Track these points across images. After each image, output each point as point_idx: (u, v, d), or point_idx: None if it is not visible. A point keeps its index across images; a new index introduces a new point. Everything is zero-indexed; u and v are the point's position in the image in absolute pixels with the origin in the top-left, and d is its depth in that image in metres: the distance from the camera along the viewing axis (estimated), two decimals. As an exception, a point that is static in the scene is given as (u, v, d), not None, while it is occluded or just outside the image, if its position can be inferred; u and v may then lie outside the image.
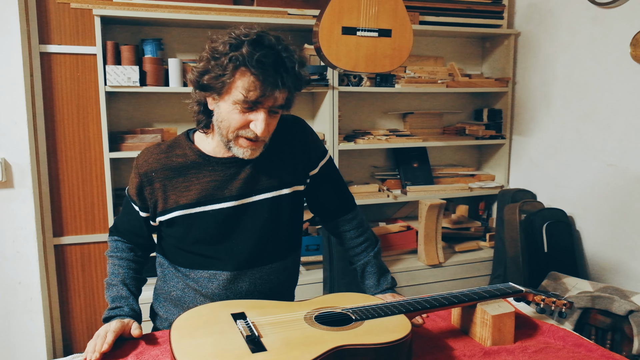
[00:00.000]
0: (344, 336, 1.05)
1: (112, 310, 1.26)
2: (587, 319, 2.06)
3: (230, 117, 1.21)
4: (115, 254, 1.39)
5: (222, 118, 1.23)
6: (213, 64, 1.18)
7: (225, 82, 1.17)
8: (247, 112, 1.20)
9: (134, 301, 1.31)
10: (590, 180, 2.60)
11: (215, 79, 1.18)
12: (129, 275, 1.36)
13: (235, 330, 1.07)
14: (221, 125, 1.24)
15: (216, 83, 1.18)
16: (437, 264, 2.81)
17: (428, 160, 3.11)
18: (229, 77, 1.16)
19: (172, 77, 2.43)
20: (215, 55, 1.18)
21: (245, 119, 1.21)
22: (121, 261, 1.37)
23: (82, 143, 2.56)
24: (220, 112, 1.23)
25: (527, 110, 3.00)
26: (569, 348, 1.24)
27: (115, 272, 1.35)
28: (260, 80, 1.15)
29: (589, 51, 2.58)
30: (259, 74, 1.15)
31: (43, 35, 2.44)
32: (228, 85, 1.18)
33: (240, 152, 1.26)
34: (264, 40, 1.17)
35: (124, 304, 1.28)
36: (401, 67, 2.94)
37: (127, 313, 1.26)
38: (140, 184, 1.32)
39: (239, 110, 1.20)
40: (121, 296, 1.30)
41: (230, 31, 1.20)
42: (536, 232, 2.58)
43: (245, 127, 1.22)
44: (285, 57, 1.18)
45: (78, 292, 2.66)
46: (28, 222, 2.41)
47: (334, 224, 1.52)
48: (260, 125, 1.20)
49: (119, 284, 1.32)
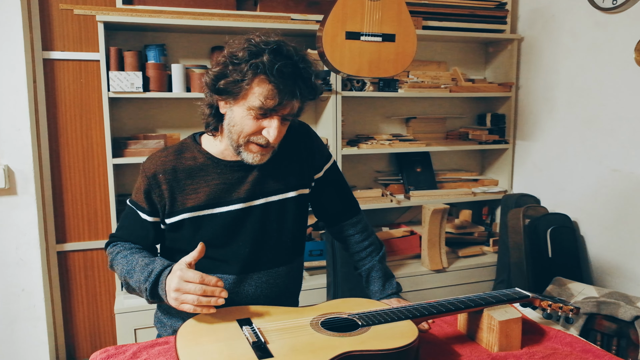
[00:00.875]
0: (351, 342, 1.04)
1: (151, 276, 1.17)
2: (592, 324, 2.04)
3: (244, 123, 1.23)
4: (118, 250, 1.33)
5: (234, 123, 1.24)
6: (231, 68, 1.20)
7: (243, 87, 1.19)
8: (260, 119, 1.22)
9: (161, 259, 1.23)
10: (594, 185, 2.59)
11: (233, 83, 1.20)
12: (141, 254, 1.28)
13: (241, 336, 1.06)
14: (233, 129, 1.25)
15: (233, 87, 1.20)
16: (440, 269, 2.79)
17: (431, 165, 3.10)
18: (247, 83, 1.18)
19: (175, 83, 2.43)
20: (234, 61, 1.20)
21: (258, 126, 1.23)
22: (129, 251, 1.31)
23: (85, 149, 2.56)
24: (233, 117, 1.24)
25: (530, 115, 2.99)
26: (576, 354, 1.23)
27: (128, 259, 1.28)
28: (279, 89, 1.17)
29: (592, 56, 2.58)
30: (279, 83, 1.17)
31: (46, 41, 2.45)
32: (245, 91, 1.20)
33: (249, 158, 1.27)
34: (283, 49, 1.20)
35: (157, 264, 1.19)
36: (404, 72, 2.94)
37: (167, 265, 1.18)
38: (148, 187, 1.31)
39: (252, 117, 1.21)
40: (146, 264, 1.22)
41: (248, 37, 1.22)
42: (540, 237, 2.57)
43: (257, 134, 1.24)
44: (302, 67, 1.21)
45: (81, 299, 2.65)
46: (31, 229, 2.41)
47: (338, 229, 1.52)
48: (273, 133, 1.22)
49: (137, 260, 1.24)
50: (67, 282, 2.62)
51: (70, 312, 2.64)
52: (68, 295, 2.63)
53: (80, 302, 2.65)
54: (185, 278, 1.10)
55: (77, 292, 2.64)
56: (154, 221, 1.35)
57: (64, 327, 2.63)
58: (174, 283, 1.11)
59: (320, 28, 2.04)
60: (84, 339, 2.68)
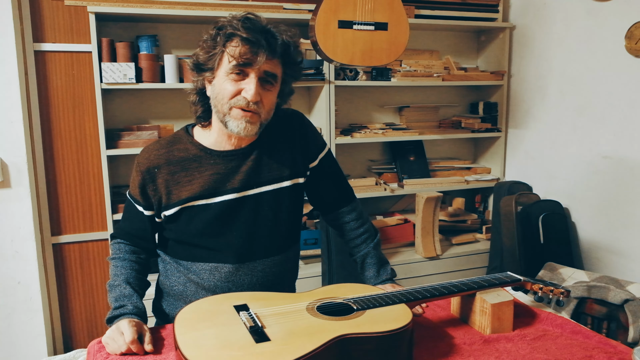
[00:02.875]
0: (346, 325, 1.06)
1: (116, 310, 1.23)
2: (583, 308, 2.08)
3: (223, 88, 1.25)
4: (117, 255, 1.36)
5: (216, 93, 1.27)
6: (205, 45, 1.26)
7: (216, 55, 1.24)
8: (238, 80, 1.24)
9: (138, 299, 1.28)
10: (585, 172, 2.62)
11: (208, 54, 1.25)
12: (131, 275, 1.33)
13: (238, 321, 1.08)
14: (216, 101, 1.27)
15: (209, 58, 1.25)
16: (434, 256, 2.82)
17: (424, 154, 3.12)
18: (220, 50, 1.24)
19: (168, 73, 2.43)
20: (208, 38, 1.27)
21: (237, 88, 1.25)
22: (124, 262, 1.34)
23: (79, 141, 2.56)
24: (214, 89, 1.28)
25: (522, 103, 3.02)
26: (566, 335, 1.26)
27: (118, 273, 1.32)
28: (247, 41, 1.21)
29: (583, 44, 2.60)
30: (246, 36, 1.21)
31: (37, 33, 2.44)
32: (219, 57, 1.25)
33: (235, 125, 1.26)
34: (251, 17, 1.26)
35: (128, 302, 1.24)
36: (397, 61, 2.95)
37: (131, 311, 1.22)
38: (142, 182, 1.32)
39: (231, 80, 1.24)
40: (124, 295, 1.27)
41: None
42: (532, 224, 2.60)
43: (237, 95, 1.25)
44: (273, 29, 1.26)
45: (77, 291, 2.66)
46: (26, 222, 2.41)
47: (333, 216, 1.53)
48: (250, 89, 1.23)
49: (122, 284, 1.29)
50: (63, 274, 2.62)
51: (66, 304, 2.65)
52: (64, 287, 2.63)
53: (76, 294, 2.66)
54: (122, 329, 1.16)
55: (73, 284, 2.65)
56: (150, 215, 1.36)
57: (60, 318, 2.63)
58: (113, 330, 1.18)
59: (313, 17, 2.04)
60: (80, 330, 2.69)
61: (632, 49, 2.32)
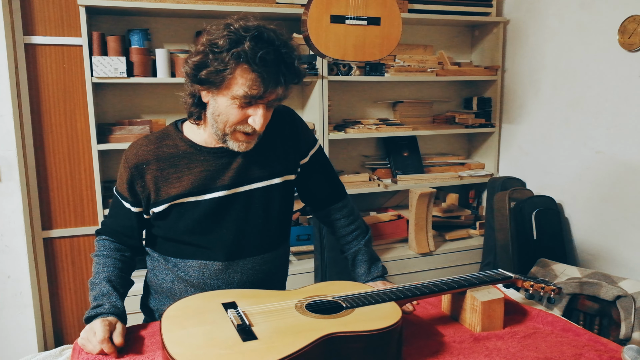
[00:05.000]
0: (335, 324, 1.05)
1: (93, 310, 1.20)
2: (575, 304, 2.08)
3: (229, 112, 1.21)
4: (101, 252, 1.34)
5: (219, 112, 1.22)
6: (212, 57, 1.17)
7: (225, 77, 1.17)
8: (245, 107, 1.20)
9: (117, 298, 1.25)
10: (578, 168, 2.62)
11: (215, 73, 1.17)
12: (114, 273, 1.30)
13: (226, 319, 1.07)
14: (218, 119, 1.23)
15: (216, 77, 1.17)
16: (427, 252, 2.82)
17: (418, 149, 3.11)
18: (229, 72, 1.16)
19: (160, 68, 2.41)
20: (214, 50, 1.16)
21: (243, 114, 1.21)
22: (107, 260, 1.32)
23: (70, 135, 2.54)
24: (217, 107, 1.22)
25: (516, 98, 3.01)
26: (557, 333, 1.26)
27: (100, 270, 1.30)
28: (263, 77, 1.15)
29: (577, 38, 2.59)
30: (262, 71, 1.15)
31: (27, 26, 2.41)
32: (228, 81, 1.17)
33: (235, 146, 1.26)
34: (264, 35, 1.16)
35: (105, 302, 1.22)
36: (390, 56, 2.93)
37: (108, 310, 1.20)
38: (130, 178, 1.30)
39: (237, 106, 1.20)
40: (103, 293, 1.24)
41: (227, 23, 1.18)
42: (525, 220, 2.60)
43: (243, 122, 1.22)
44: (284, 52, 1.18)
45: (68, 285, 2.65)
46: (16, 216, 2.39)
47: (324, 213, 1.52)
48: (259, 121, 1.21)
49: (102, 282, 1.27)
50: (54, 268, 2.61)
51: (57, 299, 2.63)
52: (55, 282, 2.62)
53: (67, 288, 2.64)
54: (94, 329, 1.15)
55: (64, 279, 2.63)
56: (138, 211, 1.34)
57: (51, 313, 2.62)
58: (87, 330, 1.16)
59: (305, 12, 2.02)
60: (71, 325, 2.67)
61: (625, 43, 2.31)
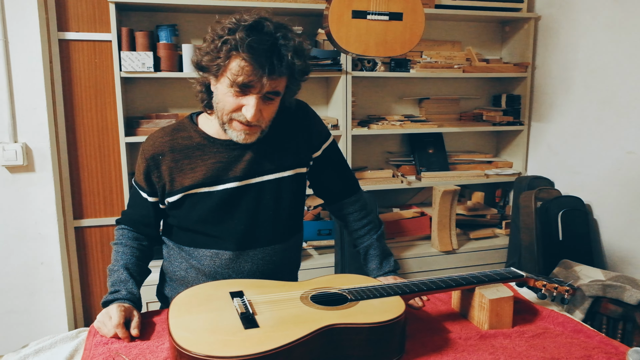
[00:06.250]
0: (337, 315, 1.06)
1: (111, 295, 1.25)
2: (598, 307, 2.03)
3: (225, 100, 1.24)
4: (120, 241, 1.38)
5: (218, 100, 1.26)
6: (212, 46, 1.22)
7: (220, 65, 1.20)
8: (240, 96, 1.22)
9: (133, 285, 1.29)
10: (609, 168, 2.54)
11: (212, 61, 1.21)
12: (131, 261, 1.34)
13: (231, 307, 1.10)
14: (217, 106, 1.27)
15: (212, 65, 1.22)
16: (450, 250, 2.79)
17: (444, 147, 3.08)
18: (222, 60, 1.19)
19: (186, 63, 2.46)
20: (214, 38, 1.22)
21: (238, 103, 1.23)
22: (125, 248, 1.36)
23: (100, 128, 2.63)
24: (217, 94, 1.26)
25: (546, 96, 2.94)
26: (567, 334, 1.24)
27: (118, 258, 1.34)
28: (250, 65, 1.17)
29: (610, 35, 2.51)
30: (248, 59, 1.16)
31: (61, 22, 2.50)
32: (222, 68, 1.21)
33: (234, 135, 1.28)
34: (261, 26, 1.18)
35: (122, 288, 1.27)
36: (417, 52, 2.91)
37: (124, 296, 1.24)
38: (147, 168, 1.35)
39: (232, 94, 1.22)
40: (120, 280, 1.29)
41: (235, 15, 1.22)
42: (551, 220, 2.54)
43: (237, 111, 1.24)
44: (281, 44, 1.19)
45: (98, 273, 2.74)
46: (49, 205, 2.49)
47: (337, 207, 1.54)
48: (249, 111, 1.21)
49: (120, 269, 1.31)
50: (85, 256, 2.71)
51: (87, 285, 2.73)
52: (85, 269, 2.72)
53: (96, 276, 2.74)
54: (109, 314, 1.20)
55: (94, 266, 2.73)
56: (154, 201, 1.38)
57: (82, 299, 2.72)
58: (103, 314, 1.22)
59: (327, 7, 2.03)
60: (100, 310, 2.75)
61: (660, 41, 2.23)
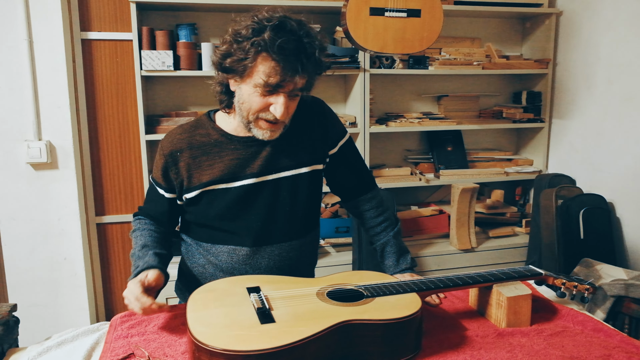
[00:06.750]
0: (352, 311, 1.07)
1: (132, 275, 1.27)
2: (620, 307, 1.99)
3: (251, 100, 1.25)
4: (137, 227, 1.41)
5: (243, 100, 1.27)
6: (235, 47, 1.21)
7: (247, 65, 1.21)
8: (267, 96, 1.23)
9: (151, 257, 1.29)
10: (632, 166, 2.49)
11: (238, 62, 1.21)
12: (149, 240, 1.35)
13: (248, 302, 1.11)
14: (242, 107, 1.28)
15: (238, 66, 1.22)
16: (469, 248, 2.77)
17: (463, 144, 3.05)
18: (250, 61, 1.20)
19: (206, 61, 2.49)
20: (238, 39, 1.21)
21: (265, 102, 1.24)
22: (143, 231, 1.38)
23: (122, 126, 2.67)
24: (241, 94, 1.27)
25: (567, 93, 2.89)
26: (587, 332, 1.22)
27: (137, 242, 1.36)
28: (281, 66, 1.18)
29: (633, 29, 2.45)
30: (280, 60, 1.18)
31: (84, 22, 2.55)
32: (250, 69, 1.21)
33: (260, 134, 1.30)
34: (286, 25, 1.19)
35: (140, 263, 1.27)
36: (436, 49, 2.89)
37: (143, 267, 1.25)
38: (165, 165, 1.37)
39: (259, 94, 1.23)
40: (138, 257, 1.30)
41: (253, 14, 1.23)
42: (572, 218, 2.51)
43: (265, 110, 1.26)
44: (306, 42, 1.20)
45: (119, 269, 2.79)
46: (71, 202, 2.55)
47: (353, 204, 1.54)
48: (279, 109, 1.24)
49: (138, 250, 1.32)
50: (106, 252, 2.76)
51: (109, 280, 2.79)
52: (107, 265, 2.77)
53: (118, 271, 2.79)
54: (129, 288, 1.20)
55: (116, 262, 2.78)
56: (171, 197, 1.40)
57: (103, 293, 2.78)
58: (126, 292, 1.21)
59: (345, 4, 2.03)
60: (121, 305, 2.82)
61: (686, 36, 2.18)
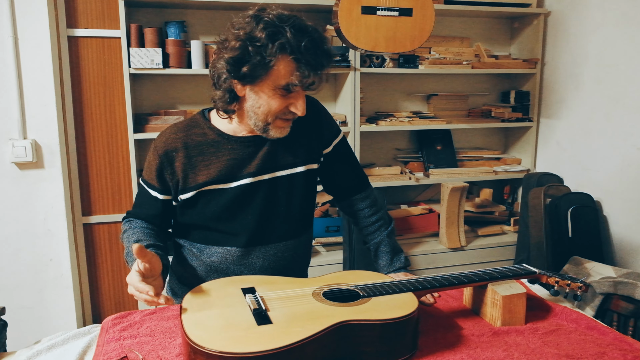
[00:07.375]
0: (349, 312, 1.06)
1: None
2: (609, 304, 2.02)
3: (271, 103, 1.24)
4: (128, 227, 1.36)
5: (259, 104, 1.25)
6: (252, 51, 1.17)
7: (268, 69, 1.19)
8: (287, 95, 1.24)
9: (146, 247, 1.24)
10: (619, 165, 2.53)
11: (260, 66, 1.18)
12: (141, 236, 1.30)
13: (243, 304, 1.09)
14: (258, 111, 1.26)
15: (259, 71, 1.19)
16: (458, 247, 2.79)
17: (452, 143, 3.07)
18: (273, 63, 1.18)
19: (195, 59, 2.46)
20: (255, 43, 1.17)
21: (286, 102, 1.25)
22: (135, 229, 1.34)
23: (109, 124, 2.63)
24: (257, 99, 1.24)
25: (555, 92, 2.92)
26: (581, 330, 1.23)
27: (130, 240, 1.30)
28: (304, 65, 1.18)
29: (620, 30, 2.48)
30: (303, 59, 1.18)
31: (70, 19, 2.50)
32: (269, 72, 1.19)
33: (278, 132, 1.30)
34: (301, 24, 1.20)
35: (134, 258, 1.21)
36: (426, 48, 2.90)
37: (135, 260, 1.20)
38: (160, 165, 1.33)
39: (279, 95, 1.23)
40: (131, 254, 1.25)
41: (256, 15, 1.19)
42: (561, 217, 2.53)
43: (284, 110, 1.26)
44: (317, 38, 1.21)
45: (106, 270, 2.75)
46: (58, 201, 2.50)
47: (347, 203, 1.53)
48: (301, 107, 1.26)
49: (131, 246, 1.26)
50: (93, 253, 2.72)
51: (96, 281, 2.75)
52: (94, 266, 2.73)
53: (105, 272, 2.75)
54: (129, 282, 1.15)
55: (103, 263, 2.74)
56: (165, 199, 1.37)
57: (90, 295, 2.74)
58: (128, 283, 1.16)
59: (336, 3, 2.03)
60: (109, 307, 2.78)
61: (673, 36, 2.21)
